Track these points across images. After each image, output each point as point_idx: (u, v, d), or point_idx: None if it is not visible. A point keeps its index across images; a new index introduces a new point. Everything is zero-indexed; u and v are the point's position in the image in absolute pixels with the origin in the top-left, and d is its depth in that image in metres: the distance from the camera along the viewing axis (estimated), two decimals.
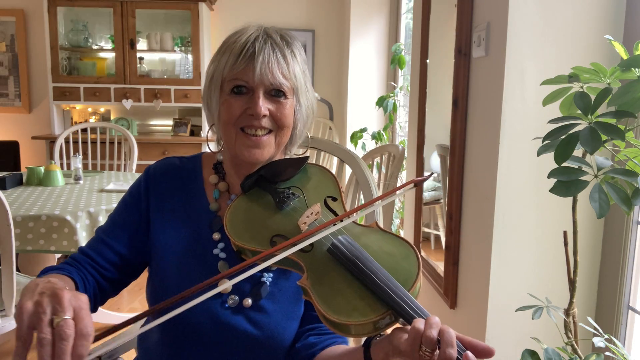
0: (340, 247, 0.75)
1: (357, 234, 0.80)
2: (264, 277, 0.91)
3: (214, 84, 0.90)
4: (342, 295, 0.71)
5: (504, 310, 1.39)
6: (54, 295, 0.61)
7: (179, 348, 0.90)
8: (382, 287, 0.69)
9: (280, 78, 0.87)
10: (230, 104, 0.88)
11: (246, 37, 0.88)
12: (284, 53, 0.88)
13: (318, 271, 0.75)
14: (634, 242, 1.30)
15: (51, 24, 3.95)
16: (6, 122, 4.43)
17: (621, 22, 1.31)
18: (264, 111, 0.87)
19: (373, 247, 0.78)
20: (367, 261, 0.73)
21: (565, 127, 0.88)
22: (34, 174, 2.57)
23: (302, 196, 0.88)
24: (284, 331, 0.90)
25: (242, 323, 0.88)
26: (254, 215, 0.86)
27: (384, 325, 0.69)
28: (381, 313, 0.68)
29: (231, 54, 0.87)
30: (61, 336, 0.57)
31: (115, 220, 0.98)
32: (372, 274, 0.71)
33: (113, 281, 0.96)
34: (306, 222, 0.81)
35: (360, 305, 0.69)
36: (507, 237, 1.37)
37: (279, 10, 4.48)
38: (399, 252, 0.77)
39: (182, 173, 0.99)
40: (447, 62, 1.81)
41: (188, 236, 0.93)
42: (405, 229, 2.43)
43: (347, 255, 0.74)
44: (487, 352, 0.65)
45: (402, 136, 3.62)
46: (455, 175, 1.64)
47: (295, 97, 0.91)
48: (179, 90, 4.11)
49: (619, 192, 0.84)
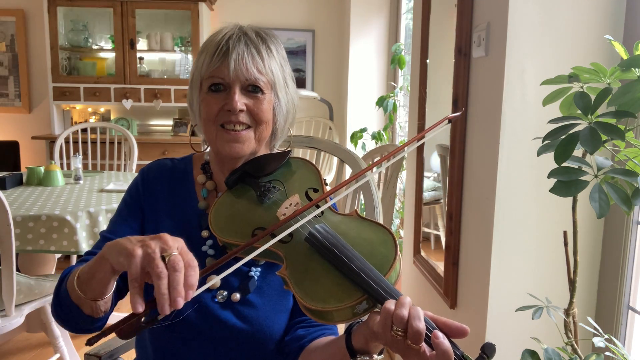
0: (317, 235, 0.76)
1: (336, 223, 0.81)
2: (252, 272, 0.93)
3: (194, 84, 0.93)
4: (319, 282, 0.72)
5: (504, 310, 1.39)
6: (157, 238, 0.68)
7: (170, 342, 0.91)
8: (357, 272, 0.69)
9: (255, 73, 0.89)
10: (208, 102, 0.90)
11: (221, 36, 0.90)
12: (259, 49, 0.90)
13: (297, 261, 0.76)
14: (634, 242, 1.30)
15: (51, 24, 3.95)
16: (6, 122, 4.43)
17: (621, 22, 1.31)
18: (240, 106, 0.88)
19: (351, 234, 0.78)
20: (343, 248, 0.73)
21: (565, 127, 0.88)
22: (34, 174, 2.57)
23: (283, 188, 0.90)
24: (273, 325, 0.91)
25: (231, 318, 0.89)
26: (237, 210, 0.87)
27: (362, 310, 0.70)
28: (357, 298, 0.69)
29: (207, 53, 0.90)
30: (174, 268, 0.63)
31: (118, 219, 1.00)
32: (347, 260, 0.71)
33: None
34: (285, 213, 0.82)
35: (336, 292, 0.70)
36: (507, 237, 1.37)
37: (279, 10, 4.48)
38: (376, 237, 0.77)
39: (174, 174, 1.02)
40: (447, 62, 1.81)
41: (178, 235, 0.94)
42: (405, 229, 2.43)
43: (324, 243, 0.75)
44: (461, 332, 0.66)
45: (402, 136, 3.62)
46: (455, 175, 1.64)
47: (273, 92, 0.93)
48: (179, 90, 4.11)
49: (619, 192, 0.84)
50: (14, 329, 1.90)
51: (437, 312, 0.74)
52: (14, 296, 1.77)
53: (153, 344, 0.94)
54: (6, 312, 1.79)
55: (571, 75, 0.93)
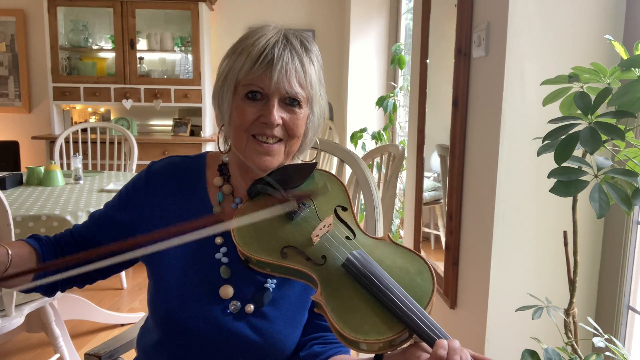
0: (355, 262, 0.73)
1: (371, 248, 0.79)
2: (268, 283, 0.90)
3: (228, 84, 0.88)
4: (358, 311, 0.70)
5: (504, 310, 1.39)
6: None
7: (179, 353, 0.89)
8: (399, 305, 0.68)
9: (297, 87, 0.85)
10: (243, 110, 0.85)
11: (265, 41, 0.84)
12: (303, 61, 0.86)
13: (332, 286, 0.73)
14: (634, 242, 1.30)
15: (51, 24, 3.95)
16: (6, 122, 4.43)
17: (621, 22, 1.31)
18: (278, 120, 0.84)
19: (386, 261, 0.76)
20: (382, 277, 0.71)
21: (565, 127, 0.88)
22: (34, 174, 2.57)
23: (313, 206, 0.85)
24: (286, 338, 0.89)
25: (244, 329, 0.86)
26: (263, 224, 0.82)
27: (400, 342, 0.68)
28: (399, 331, 0.67)
29: (248, 57, 0.84)
30: None
31: (107, 212, 0.98)
32: (388, 290, 0.69)
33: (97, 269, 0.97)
34: (319, 234, 0.79)
35: (377, 323, 0.68)
36: (507, 237, 1.37)
37: (279, 10, 4.48)
38: (413, 267, 0.76)
39: (183, 173, 0.97)
40: (447, 62, 1.81)
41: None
42: (405, 229, 2.43)
43: (362, 271, 0.72)
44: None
45: (402, 136, 3.62)
46: (455, 175, 1.64)
47: (309, 106, 0.89)
48: (179, 90, 4.11)
49: (619, 192, 0.84)
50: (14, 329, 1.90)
51: (437, 312, 0.74)
52: (14, 296, 1.77)
53: (163, 354, 0.92)
54: (6, 312, 1.79)
55: (571, 75, 0.93)
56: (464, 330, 1.58)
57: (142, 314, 2.71)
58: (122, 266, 0.98)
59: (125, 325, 2.70)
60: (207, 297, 0.87)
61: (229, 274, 0.89)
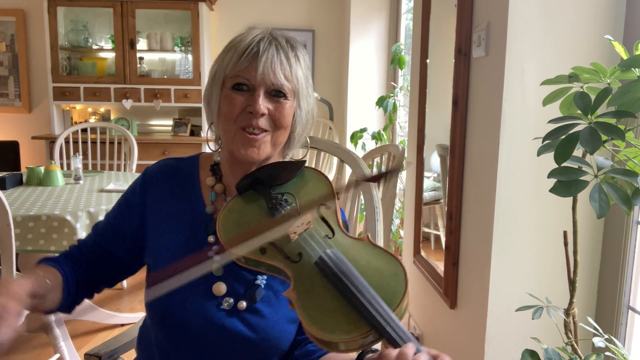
0: (327, 261, 0.74)
1: (347, 247, 0.79)
2: (258, 280, 0.91)
3: (216, 81, 0.91)
4: (327, 310, 0.70)
5: (504, 310, 1.39)
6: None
7: (175, 350, 0.90)
8: (365, 305, 0.68)
9: (282, 79, 0.88)
10: (231, 99, 0.88)
11: (251, 37, 0.88)
12: (288, 55, 0.89)
13: (304, 284, 0.74)
14: (634, 242, 1.30)
15: (51, 24, 3.95)
16: (6, 122, 4.43)
17: (621, 22, 1.31)
18: (263, 109, 0.87)
19: (361, 262, 0.76)
20: (352, 277, 0.72)
21: (565, 127, 0.88)
22: (34, 174, 2.57)
23: (295, 203, 0.87)
24: (280, 335, 0.90)
25: (237, 325, 0.88)
26: (246, 219, 0.84)
27: (368, 342, 0.69)
28: (364, 332, 0.67)
29: (235, 52, 0.88)
30: None
31: (110, 222, 0.99)
32: (357, 291, 0.70)
33: (106, 278, 0.99)
34: (296, 231, 0.80)
35: (343, 323, 0.68)
36: (507, 237, 1.37)
37: (279, 10, 4.48)
38: (387, 269, 0.75)
39: (178, 174, 0.99)
40: (447, 62, 1.81)
41: (183, 239, 0.93)
42: (405, 229, 2.43)
43: (334, 271, 0.73)
44: None
45: (402, 136, 3.62)
46: (455, 175, 1.64)
47: (296, 100, 0.91)
48: (179, 90, 4.11)
49: (619, 192, 0.84)
50: None
51: (437, 312, 0.74)
52: None
53: (158, 351, 0.93)
54: None
55: (571, 75, 0.93)
56: (463, 330, 1.58)
57: (142, 314, 2.71)
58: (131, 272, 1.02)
59: (125, 325, 2.70)
60: (201, 294, 0.89)
61: (222, 272, 0.90)
